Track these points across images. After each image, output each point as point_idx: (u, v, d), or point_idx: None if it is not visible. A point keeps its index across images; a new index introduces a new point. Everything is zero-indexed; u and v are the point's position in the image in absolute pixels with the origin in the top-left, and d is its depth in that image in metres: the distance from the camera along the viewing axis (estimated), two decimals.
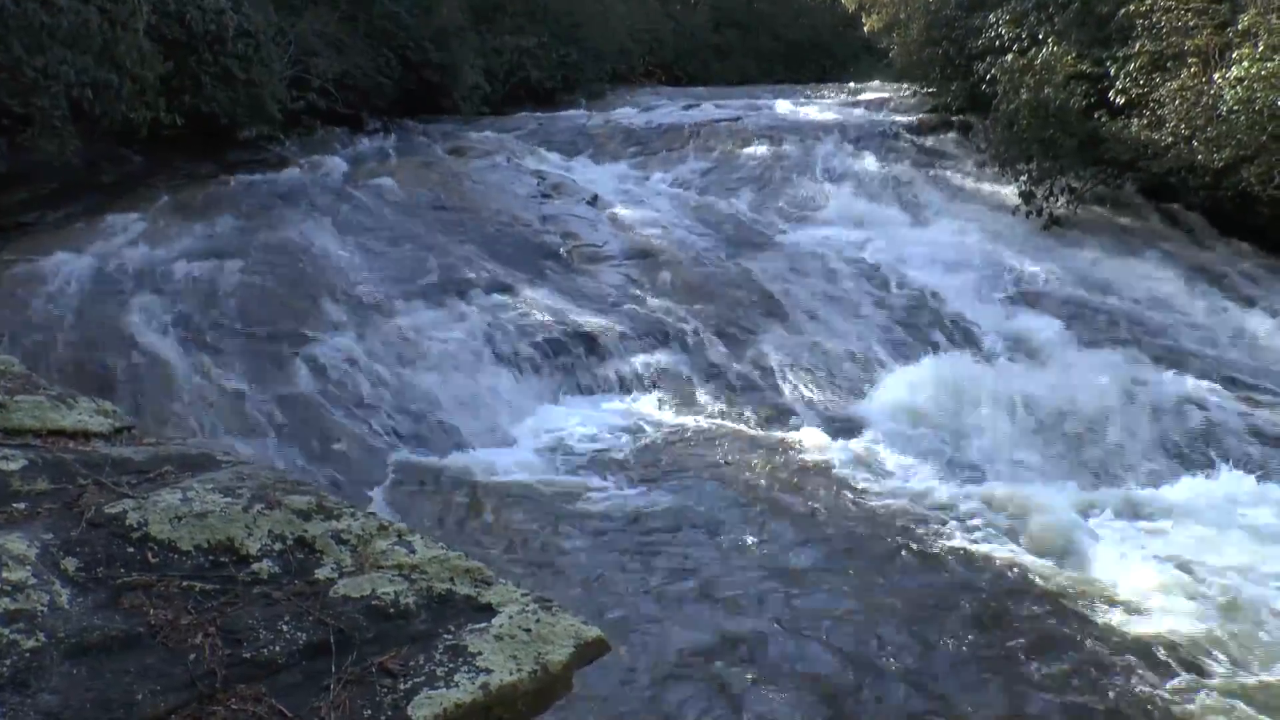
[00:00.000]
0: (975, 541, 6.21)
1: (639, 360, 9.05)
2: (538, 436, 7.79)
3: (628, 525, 6.36)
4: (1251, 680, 4.82)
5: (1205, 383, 8.88)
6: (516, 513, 6.47)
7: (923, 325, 10.23)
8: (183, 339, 8.28)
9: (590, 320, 9.53)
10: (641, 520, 6.43)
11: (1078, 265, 12.08)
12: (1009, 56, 13.80)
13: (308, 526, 2.05)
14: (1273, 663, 4.98)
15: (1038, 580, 5.77)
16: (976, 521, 6.45)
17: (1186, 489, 7.18)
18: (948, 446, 7.77)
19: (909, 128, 17.35)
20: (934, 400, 8.29)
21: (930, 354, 9.39)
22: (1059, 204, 13.38)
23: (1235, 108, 10.67)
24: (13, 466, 2.13)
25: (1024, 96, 12.95)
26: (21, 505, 2.00)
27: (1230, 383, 8.97)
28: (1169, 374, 8.98)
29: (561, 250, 11.60)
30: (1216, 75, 11.26)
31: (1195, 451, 7.87)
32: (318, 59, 15.76)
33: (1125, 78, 12.56)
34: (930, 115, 18.06)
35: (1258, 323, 10.61)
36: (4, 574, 1.72)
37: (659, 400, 8.46)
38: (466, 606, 1.86)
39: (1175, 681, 4.81)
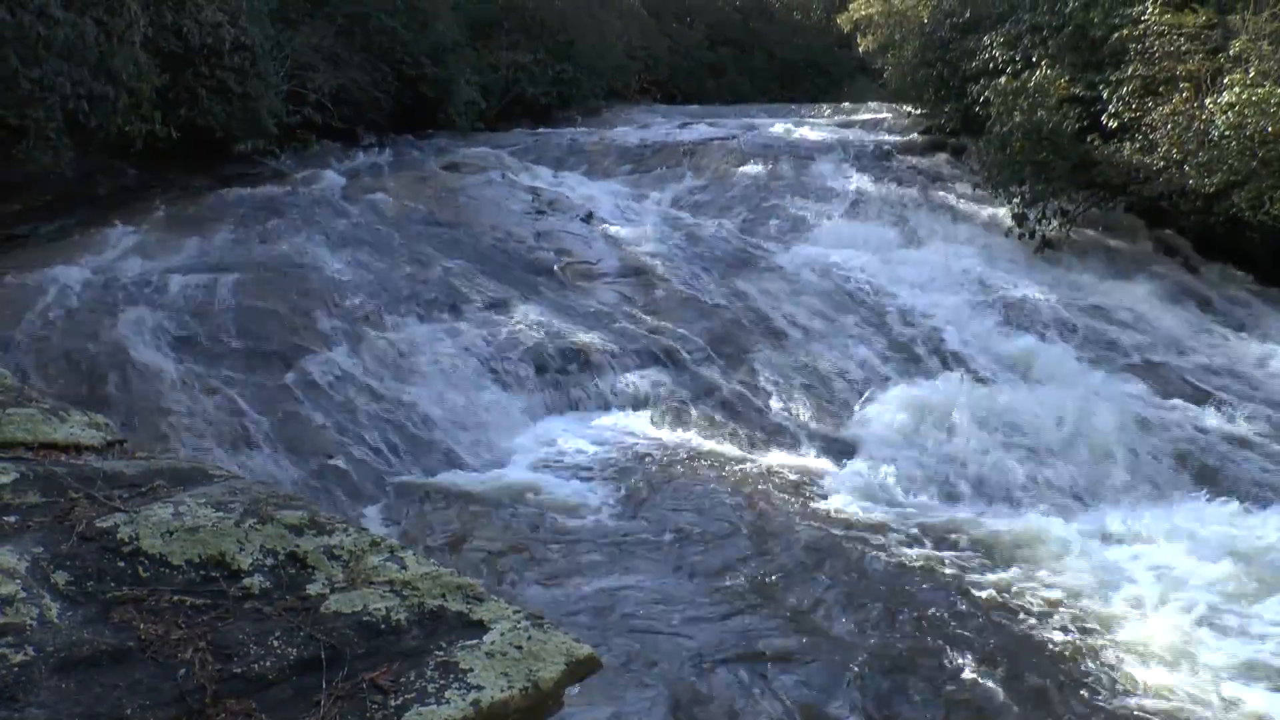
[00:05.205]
0: (966, 564, 6.21)
1: (632, 378, 9.05)
2: (531, 453, 7.79)
3: (620, 543, 6.36)
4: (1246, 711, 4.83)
5: (1195, 406, 8.91)
6: (509, 529, 6.46)
7: (914, 346, 10.24)
8: (176, 352, 8.27)
9: (584, 337, 9.54)
10: (634, 538, 6.42)
11: (1069, 288, 12.13)
12: (1002, 79, 13.85)
13: (299, 541, 2.05)
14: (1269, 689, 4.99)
15: (1029, 605, 5.77)
16: (967, 544, 6.46)
17: (1176, 513, 7.18)
18: (939, 468, 7.76)
19: (903, 148, 17.43)
20: (925, 422, 8.29)
21: (922, 375, 9.39)
22: (1051, 226, 13.43)
23: (1226, 133, 10.72)
24: (4, 479, 2.13)
25: (1017, 119, 13.00)
26: (12, 518, 1.99)
27: (1220, 407, 8.99)
28: (1159, 397, 9.01)
29: (555, 267, 11.62)
30: (1208, 100, 11.32)
31: (1186, 475, 7.87)
32: (314, 73, 15.81)
33: (1117, 102, 12.63)
34: (924, 136, 18.16)
35: (1247, 348, 10.65)
36: None
37: (652, 418, 8.45)
38: (458, 623, 1.86)
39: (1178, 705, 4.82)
